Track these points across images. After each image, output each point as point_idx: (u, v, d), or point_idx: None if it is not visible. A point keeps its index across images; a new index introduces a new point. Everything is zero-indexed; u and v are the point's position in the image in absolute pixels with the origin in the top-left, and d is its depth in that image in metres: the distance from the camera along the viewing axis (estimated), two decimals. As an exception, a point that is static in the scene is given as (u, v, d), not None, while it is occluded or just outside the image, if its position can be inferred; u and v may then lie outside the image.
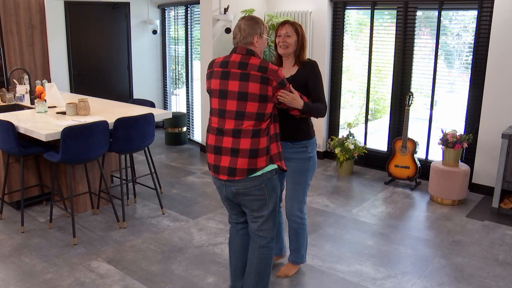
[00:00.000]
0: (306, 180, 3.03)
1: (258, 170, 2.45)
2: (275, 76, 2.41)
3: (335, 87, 5.95)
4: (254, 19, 2.53)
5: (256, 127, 2.43)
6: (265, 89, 2.40)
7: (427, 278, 3.26)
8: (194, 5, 6.82)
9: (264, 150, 2.45)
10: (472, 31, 4.83)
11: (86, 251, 3.60)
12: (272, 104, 2.46)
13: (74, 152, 3.62)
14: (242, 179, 2.44)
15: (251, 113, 2.41)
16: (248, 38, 2.49)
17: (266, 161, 2.47)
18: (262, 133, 2.45)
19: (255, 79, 2.39)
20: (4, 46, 6.09)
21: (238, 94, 2.41)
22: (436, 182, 4.63)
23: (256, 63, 2.42)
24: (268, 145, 2.48)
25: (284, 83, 2.48)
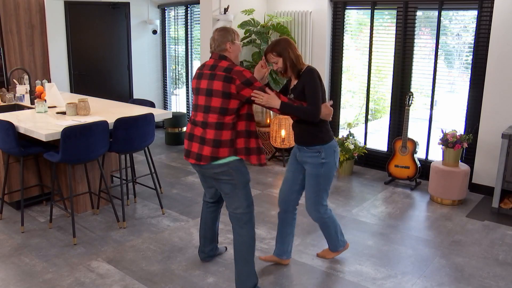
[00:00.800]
0: (318, 184, 3.12)
1: (221, 158, 2.80)
2: (238, 76, 2.75)
3: (335, 87, 5.95)
4: (225, 29, 2.91)
5: (219, 120, 2.77)
6: (228, 87, 2.75)
7: (427, 278, 3.26)
8: (194, 5, 6.82)
9: (227, 142, 2.78)
10: (472, 31, 4.84)
11: (86, 251, 3.60)
12: (236, 101, 2.77)
13: (74, 152, 3.62)
14: (206, 164, 2.82)
15: (215, 107, 2.78)
16: (222, 45, 2.87)
17: (229, 152, 2.80)
18: (226, 127, 2.77)
19: (219, 78, 2.77)
20: (4, 46, 6.09)
21: (206, 91, 2.81)
22: (436, 182, 4.63)
23: (224, 65, 2.82)
24: (233, 138, 2.80)
25: (250, 82, 2.77)
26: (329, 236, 3.40)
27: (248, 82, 2.76)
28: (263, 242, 3.78)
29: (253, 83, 2.78)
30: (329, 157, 3.07)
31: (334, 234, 3.38)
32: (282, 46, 2.97)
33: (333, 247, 3.46)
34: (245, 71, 2.78)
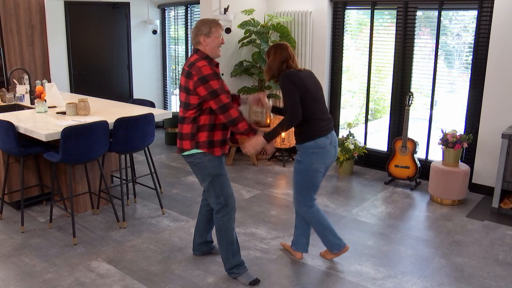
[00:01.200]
0: (296, 181, 3.25)
1: (185, 150, 2.94)
2: (197, 72, 2.76)
3: (335, 87, 5.95)
4: (202, 21, 2.89)
5: (183, 115, 2.90)
6: (187, 83, 2.79)
7: (427, 278, 3.26)
8: (194, 5, 6.82)
9: (188, 135, 2.89)
10: (472, 31, 4.83)
11: (86, 251, 3.60)
12: (195, 96, 2.80)
13: (74, 152, 3.62)
14: (179, 154, 3.00)
15: (182, 102, 2.90)
16: (196, 38, 2.89)
17: (191, 145, 2.91)
18: (186, 121, 2.89)
19: (184, 73, 2.84)
20: (4, 46, 6.09)
21: (179, 86, 2.92)
22: (436, 182, 4.63)
23: (191, 59, 2.85)
24: (194, 132, 2.88)
25: (206, 80, 2.74)
26: (319, 236, 3.38)
27: (204, 79, 2.75)
28: (263, 242, 3.78)
29: (208, 82, 2.75)
30: (304, 156, 3.14)
31: (322, 235, 3.35)
32: (269, 50, 3.19)
33: (329, 248, 3.42)
34: (204, 68, 2.76)
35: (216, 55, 2.94)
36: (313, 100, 3.10)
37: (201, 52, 2.88)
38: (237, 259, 3.17)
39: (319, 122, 3.11)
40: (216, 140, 2.94)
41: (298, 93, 3.03)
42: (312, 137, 3.10)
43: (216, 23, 2.91)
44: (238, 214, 4.33)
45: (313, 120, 3.10)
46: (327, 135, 3.14)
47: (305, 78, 3.12)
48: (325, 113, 3.18)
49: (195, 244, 3.52)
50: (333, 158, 3.24)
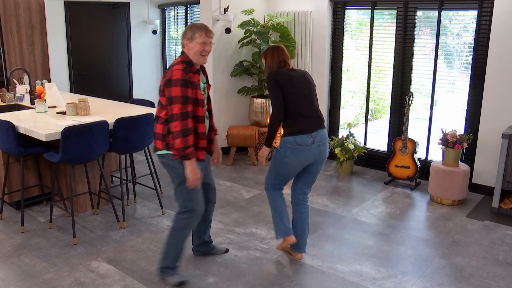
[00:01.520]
0: (270, 166, 3.39)
1: (158, 150, 2.92)
2: (169, 74, 2.76)
3: (335, 87, 5.95)
4: (190, 25, 2.89)
5: (157, 113, 2.89)
6: (161, 82, 2.82)
7: (427, 278, 3.26)
8: (194, 5, 6.82)
9: (160, 135, 2.88)
10: (472, 31, 4.84)
11: (86, 251, 3.60)
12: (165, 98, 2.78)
13: (74, 152, 3.62)
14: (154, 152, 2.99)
15: (159, 101, 2.89)
16: (182, 42, 2.90)
17: (162, 146, 2.89)
18: (159, 120, 2.87)
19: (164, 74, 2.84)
20: (4, 46, 6.09)
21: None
22: (436, 182, 4.63)
23: (174, 61, 2.87)
24: (165, 134, 2.86)
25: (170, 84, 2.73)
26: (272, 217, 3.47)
27: (168, 83, 2.73)
28: (263, 242, 3.78)
29: (171, 87, 2.72)
30: (282, 149, 3.25)
31: (274, 218, 3.42)
32: (267, 51, 3.32)
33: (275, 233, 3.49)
34: (176, 72, 2.73)
35: (198, 61, 2.87)
36: (299, 97, 3.17)
37: (185, 55, 2.86)
38: (175, 263, 3.12)
39: (303, 119, 3.17)
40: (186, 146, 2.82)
41: (283, 90, 3.14)
42: (292, 132, 3.18)
43: (201, 29, 2.84)
44: (238, 214, 4.33)
45: (296, 117, 3.17)
46: (311, 133, 3.16)
47: (293, 77, 3.21)
48: (312, 111, 3.21)
49: (194, 245, 3.51)
50: (315, 157, 3.23)
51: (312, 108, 3.23)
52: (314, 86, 3.32)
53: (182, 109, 2.73)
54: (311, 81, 3.31)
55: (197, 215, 3.03)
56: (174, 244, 3.08)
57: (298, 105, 3.16)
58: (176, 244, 3.08)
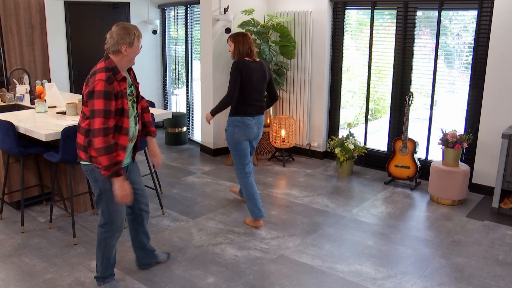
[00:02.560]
0: (232, 153, 4.04)
1: (82, 160, 2.78)
2: (91, 85, 2.56)
3: (335, 87, 5.95)
4: (126, 29, 2.64)
5: (79, 122, 2.73)
6: (84, 90, 2.62)
7: (427, 278, 3.26)
8: (194, 5, 6.82)
9: (82, 146, 2.73)
10: (472, 31, 4.84)
11: (86, 251, 3.60)
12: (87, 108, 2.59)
13: (74, 152, 3.62)
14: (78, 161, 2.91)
15: (82, 110, 2.70)
16: (117, 46, 2.62)
17: (86, 157, 2.74)
18: (80, 130, 2.72)
19: (86, 80, 2.66)
20: (4, 46, 6.09)
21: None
22: (436, 182, 4.63)
23: (97, 67, 2.64)
24: (86, 145, 2.70)
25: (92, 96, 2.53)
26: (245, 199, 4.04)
27: (91, 95, 2.54)
28: (263, 242, 3.78)
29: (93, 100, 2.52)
30: (230, 127, 3.94)
31: (247, 200, 4.01)
32: (238, 35, 3.92)
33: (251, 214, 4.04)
34: (98, 83, 2.52)
35: (131, 64, 2.75)
36: (251, 89, 3.87)
37: (109, 61, 2.62)
38: (108, 272, 3.04)
39: (249, 106, 3.89)
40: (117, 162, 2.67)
41: (242, 81, 3.83)
42: (240, 114, 3.89)
43: (139, 32, 2.71)
44: (238, 214, 4.34)
45: (245, 103, 3.87)
46: (254, 116, 3.94)
47: (253, 70, 3.88)
48: (258, 101, 3.95)
49: (138, 258, 3.31)
50: (255, 135, 4.02)
51: (260, 99, 3.97)
52: (269, 78, 4.02)
53: (104, 124, 2.54)
54: (267, 74, 3.98)
55: (115, 229, 2.90)
56: (101, 256, 2.97)
57: (249, 95, 3.87)
58: (103, 255, 2.97)
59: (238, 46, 3.89)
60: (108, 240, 2.92)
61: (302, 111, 6.10)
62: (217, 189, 4.97)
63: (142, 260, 3.32)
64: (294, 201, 4.68)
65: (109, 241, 2.93)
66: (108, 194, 2.78)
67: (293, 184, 5.20)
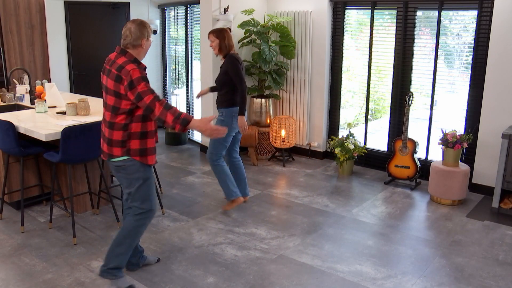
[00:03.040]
0: (217, 139, 4.12)
1: (115, 157, 2.85)
2: (126, 76, 2.70)
3: (335, 87, 5.95)
4: (143, 24, 2.85)
5: (111, 120, 2.81)
6: (118, 87, 2.73)
7: (427, 278, 3.26)
8: (194, 5, 6.82)
9: (118, 142, 2.80)
10: (472, 31, 4.83)
11: (86, 251, 3.60)
12: (128, 101, 2.74)
13: (74, 152, 3.62)
14: (106, 160, 2.92)
15: (109, 105, 2.81)
16: (138, 40, 2.82)
17: (122, 152, 2.82)
18: (116, 127, 2.79)
19: (112, 76, 2.76)
20: (4, 46, 6.09)
21: (105, 87, 2.83)
22: (436, 182, 4.63)
23: (119, 62, 2.76)
24: (124, 139, 2.80)
25: (133, 85, 2.69)
26: (221, 184, 4.28)
27: (132, 84, 2.69)
28: (263, 242, 3.78)
29: (136, 86, 2.69)
30: (228, 118, 4.15)
31: (224, 183, 4.26)
32: (222, 32, 4.13)
33: (227, 196, 4.32)
34: (133, 71, 2.71)
35: (144, 57, 2.92)
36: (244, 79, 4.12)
37: (129, 54, 2.81)
38: (124, 262, 3.07)
39: (241, 96, 4.11)
40: (149, 148, 2.89)
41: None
42: (237, 104, 4.13)
43: (150, 27, 2.93)
44: (238, 214, 4.34)
45: (240, 93, 4.09)
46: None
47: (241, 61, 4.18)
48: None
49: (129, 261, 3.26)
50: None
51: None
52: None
53: (154, 95, 2.73)
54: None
55: (153, 215, 3.05)
56: (127, 244, 3.01)
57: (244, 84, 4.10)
58: (130, 244, 3.02)
59: (225, 41, 4.10)
60: (141, 227, 3.04)
61: (302, 111, 6.10)
62: (217, 189, 4.97)
63: (130, 258, 3.26)
64: (294, 201, 4.68)
65: (142, 228, 3.05)
66: (150, 181, 2.97)
67: (293, 184, 5.20)
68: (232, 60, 4.08)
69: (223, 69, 4.13)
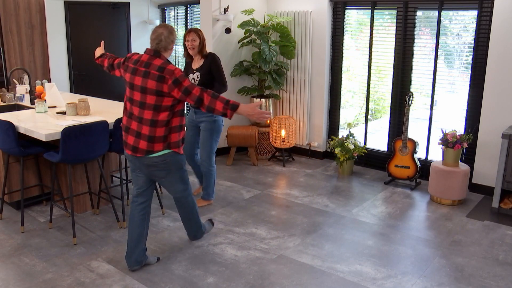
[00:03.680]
0: (213, 140, 4.26)
1: (155, 152, 3.05)
2: (170, 75, 2.94)
3: (335, 87, 5.95)
4: (171, 29, 3.13)
5: (154, 118, 2.98)
6: (160, 86, 2.93)
7: (427, 278, 3.26)
8: (194, 5, 6.82)
9: (161, 138, 3.02)
10: (472, 31, 4.84)
11: (86, 251, 3.60)
12: (170, 98, 2.97)
13: (74, 152, 3.62)
14: (142, 156, 3.06)
15: (149, 104, 2.97)
16: (169, 45, 3.11)
17: (163, 146, 3.05)
18: (159, 124, 2.99)
19: (153, 77, 2.94)
20: (4, 46, 6.09)
21: (140, 88, 2.98)
22: (436, 182, 4.63)
23: (158, 63, 2.99)
24: (166, 134, 3.04)
25: (179, 82, 2.95)
26: (208, 185, 4.40)
27: (177, 81, 2.94)
28: (263, 242, 3.78)
29: (181, 82, 2.95)
30: (218, 116, 4.19)
31: (212, 184, 4.42)
32: (202, 33, 4.16)
33: (206, 196, 4.47)
34: (176, 70, 2.97)
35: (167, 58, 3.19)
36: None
37: (163, 56, 3.06)
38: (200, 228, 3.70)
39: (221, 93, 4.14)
40: (183, 138, 3.20)
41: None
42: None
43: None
44: (238, 214, 4.34)
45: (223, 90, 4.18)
46: None
47: None
48: None
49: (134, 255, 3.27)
50: None
51: None
52: None
53: (199, 87, 3.01)
54: None
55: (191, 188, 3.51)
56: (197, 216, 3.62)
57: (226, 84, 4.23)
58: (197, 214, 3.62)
59: (204, 41, 4.18)
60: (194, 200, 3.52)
61: (302, 111, 6.10)
62: (217, 189, 4.97)
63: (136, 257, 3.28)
64: (294, 201, 4.68)
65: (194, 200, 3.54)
66: (185, 169, 3.32)
67: (293, 184, 5.20)
68: (217, 59, 4.17)
69: (205, 69, 4.14)
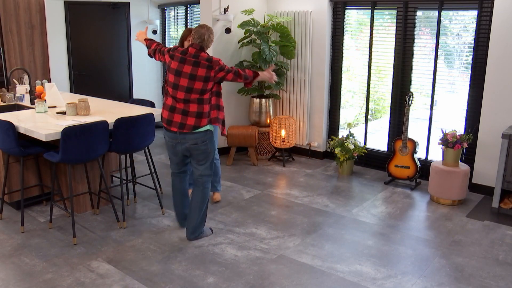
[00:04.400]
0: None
1: (201, 127, 3.54)
2: (216, 64, 3.53)
3: (335, 87, 5.95)
4: (212, 31, 3.65)
5: (200, 97, 3.51)
6: (209, 73, 3.51)
7: (427, 278, 3.26)
8: (194, 5, 6.82)
9: (206, 113, 3.55)
10: (472, 31, 4.83)
11: (86, 251, 3.60)
12: (212, 82, 3.53)
13: (74, 152, 3.62)
14: (188, 132, 3.53)
15: (197, 89, 3.50)
16: (210, 43, 3.65)
17: (207, 122, 3.58)
18: (205, 102, 3.53)
19: (203, 66, 3.50)
20: (4, 46, 6.09)
21: (189, 75, 3.49)
22: (436, 182, 4.63)
23: (205, 56, 3.56)
24: (209, 111, 3.57)
25: (223, 68, 3.55)
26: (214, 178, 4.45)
27: (222, 68, 3.55)
28: (263, 242, 3.78)
29: (225, 67, 3.56)
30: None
31: (219, 177, 4.54)
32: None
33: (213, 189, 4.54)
34: (219, 61, 3.57)
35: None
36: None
37: (205, 51, 3.61)
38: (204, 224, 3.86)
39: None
40: (220, 119, 3.66)
41: None
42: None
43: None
44: (238, 214, 4.34)
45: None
46: None
47: None
48: None
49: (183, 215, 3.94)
50: None
51: None
52: None
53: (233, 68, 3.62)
54: None
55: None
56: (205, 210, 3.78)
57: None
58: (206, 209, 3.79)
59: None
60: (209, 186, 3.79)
61: (302, 111, 6.10)
62: (217, 189, 4.97)
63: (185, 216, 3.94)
64: (294, 201, 4.68)
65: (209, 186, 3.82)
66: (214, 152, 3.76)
67: (293, 184, 5.20)
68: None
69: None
